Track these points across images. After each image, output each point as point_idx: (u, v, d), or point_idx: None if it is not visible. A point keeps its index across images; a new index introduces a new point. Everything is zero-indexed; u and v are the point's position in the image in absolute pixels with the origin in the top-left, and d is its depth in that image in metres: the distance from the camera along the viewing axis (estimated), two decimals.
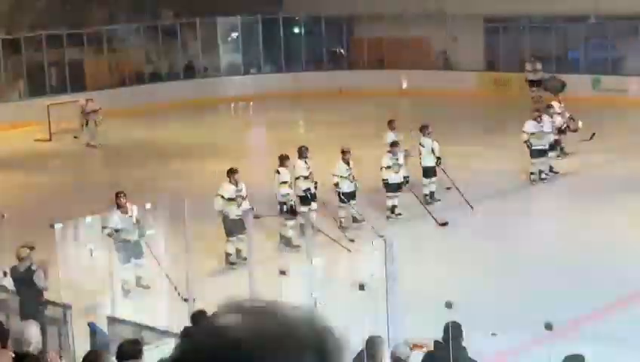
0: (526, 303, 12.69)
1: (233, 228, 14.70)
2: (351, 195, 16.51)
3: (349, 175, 16.38)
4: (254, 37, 35.24)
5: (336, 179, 16.36)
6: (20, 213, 18.42)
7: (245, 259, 14.31)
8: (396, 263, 9.88)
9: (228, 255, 14.78)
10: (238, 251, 14.80)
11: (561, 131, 20.36)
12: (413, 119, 21.11)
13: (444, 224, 16.65)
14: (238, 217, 14.55)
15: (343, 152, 16.49)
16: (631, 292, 13.02)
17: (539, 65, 30.12)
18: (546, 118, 19.43)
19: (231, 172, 14.90)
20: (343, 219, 16.52)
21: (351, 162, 16.44)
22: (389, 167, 16.92)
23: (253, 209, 14.30)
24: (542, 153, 19.08)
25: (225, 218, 14.72)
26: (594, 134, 20.34)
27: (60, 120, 27.22)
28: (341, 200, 16.50)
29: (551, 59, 31.71)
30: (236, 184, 14.80)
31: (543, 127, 19.05)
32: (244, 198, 14.72)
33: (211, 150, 24.20)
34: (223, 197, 14.69)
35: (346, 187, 16.41)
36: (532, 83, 29.96)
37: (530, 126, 19.03)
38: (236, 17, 34.78)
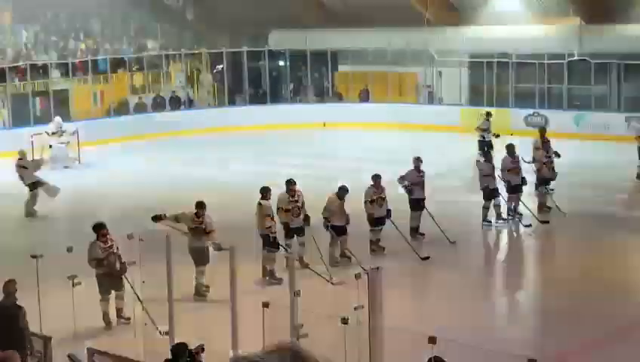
0: (511, 338, 12.67)
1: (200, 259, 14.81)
2: (341, 230, 16.42)
3: (340, 211, 16.31)
4: (239, 69, 35.35)
5: (326, 213, 16.30)
6: (2, 244, 18.37)
7: (207, 287, 14.43)
8: (379, 297, 9.85)
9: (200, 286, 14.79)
10: (198, 284, 14.82)
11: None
12: (397, 153, 21.18)
13: (426, 258, 16.64)
14: (197, 248, 14.74)
15: (340, 189, 16.43)
16: (619, 327, 13.03)
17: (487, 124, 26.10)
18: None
19: (199, 206, 14.98)
20: (334, 254, 16.39)
21: (344, 199, 16.34)
22: (373, 201, 16.90)
23: (213, 245, 14.52)
24: (495, 192, 19.06)
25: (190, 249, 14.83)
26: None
27: (44, 150, 27.14)
28: (331, 235, 16.40)
29: (534, 95, 31.93)
30: (199, 216, 14.89)
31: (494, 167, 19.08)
32: (202, 232, 14.78)
33: (196, 181, 24.16)
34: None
35: (337, 221, 16.31)
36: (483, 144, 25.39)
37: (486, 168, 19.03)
38: (221, 50, 34.90)
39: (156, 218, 15.05)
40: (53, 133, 26.70)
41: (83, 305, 12.29)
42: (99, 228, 13.63)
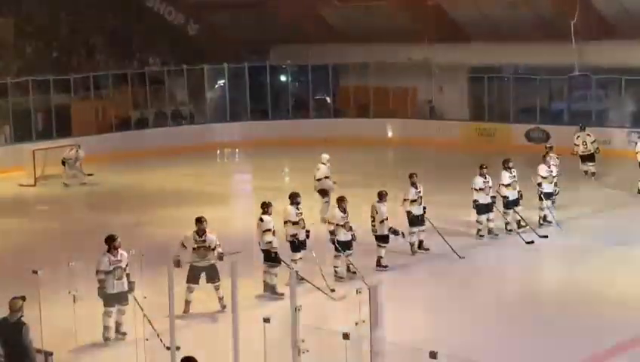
0: (511, 353, 12.65)
1: (199, 277, 14.61)
2: (346, 245, 16.30)
3: (345, 223, 16.25)
4: (241, 84, 35.42)
5: (331, 227, 16.22)
6: (4, 259, 18.38)
7: (225, 306, 14.28)
8: (381, 312, 9.86)
9: (187, 302, 14.57)
10: (220, 299, 14.68)
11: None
12: (397, 168, 21.21)
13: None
14: (203, 265, 14.53)
15: (340, 200, 16.35)
16: (619, 342, 13.01)
17: (589, 138, 25.41)
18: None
19: (197, 221, 14.73)
20: (338, 269, 16.31)
21: (348, 210, 16.28)
22: (386, 219, 16.84)
23: (217, 255, 14.39)
24: (489, 208, 19.04)
25: (191, 265, 14.62)
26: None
27: (45, 165, 27.23)
28: (336, 249, 16.26)
29: (535, 110, 31.98)
30: (199, 234, 14.63)
31: (489, 182, 19.06)
32: (207, 248, 14.57)
33: (197, 196, 24.19)
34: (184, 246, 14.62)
35: (342, 236, 16.22)
36: (584, 158, 25.32)
37: (477, 182, 18.91)
38: (223, 65, 34.98)
39: (177, 264, 14.65)
40: (69, 160, 26.82)
41: (84, 320, 12.29)
42: (110, 240, 13.56)
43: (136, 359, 11.44)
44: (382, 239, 16.88)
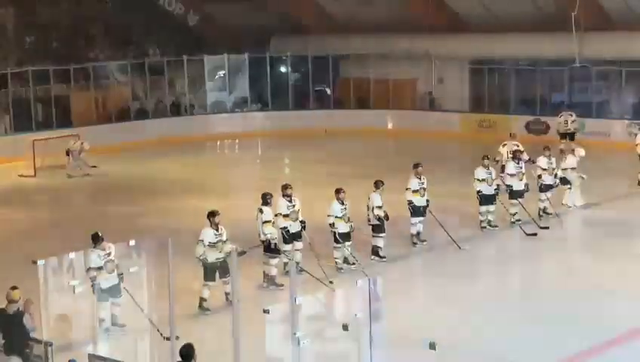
0: (512, 345, 12.66)
1: (215, 273, 14.52)
2: (346, 236, 16.29)
3: (344, 215, 16.25)
4: (241, 75, 35.38)
5: (331, 220, 16.17)
6: (4, 249, 18.39)
7: (231, 301, 14.18)
8: (380, 303, 9.86)
9: (202, 300, 14.47)
10: (226, 294, 14.58)
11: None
12: (398, 159, 21.20)
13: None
14: (218, 261, 14.43)
15: (337, 191, 16.32)
16: (619, 334, 13.02)
17: (571, 117, 27.92)
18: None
19: (211, 215, 14.60)
20: (337, 260, 16.34)
21: (346, 202, 16.28)
22: (380, 207, 16.81)
23: (236, 249, 14.20)
24: (490, 198, 18.98)
25: (205, 263, 14.54)
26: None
27: (45, 155, 27.22)
28: (336, 241, 16.23)
29: (535, 101, 31.95)
30: (217, 228, 14.53)
31: (492, 173, 19.02)
32: (224, 242, 14.52)
33: (197, 187, 24.19)
34: (203, 243, 14.48)
35: (342, 228, 16.22)
36: (563, 136, 27.64)
37: (479, 173, 19.00)
38: (223, 55, 34.92)
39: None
40: (73, 151, 26.90)
41: (84, 310, 12.30)
42: (96, 238, 13.56)
43: (135, 349, 11.45)
44: (377, 228, 16.88)
